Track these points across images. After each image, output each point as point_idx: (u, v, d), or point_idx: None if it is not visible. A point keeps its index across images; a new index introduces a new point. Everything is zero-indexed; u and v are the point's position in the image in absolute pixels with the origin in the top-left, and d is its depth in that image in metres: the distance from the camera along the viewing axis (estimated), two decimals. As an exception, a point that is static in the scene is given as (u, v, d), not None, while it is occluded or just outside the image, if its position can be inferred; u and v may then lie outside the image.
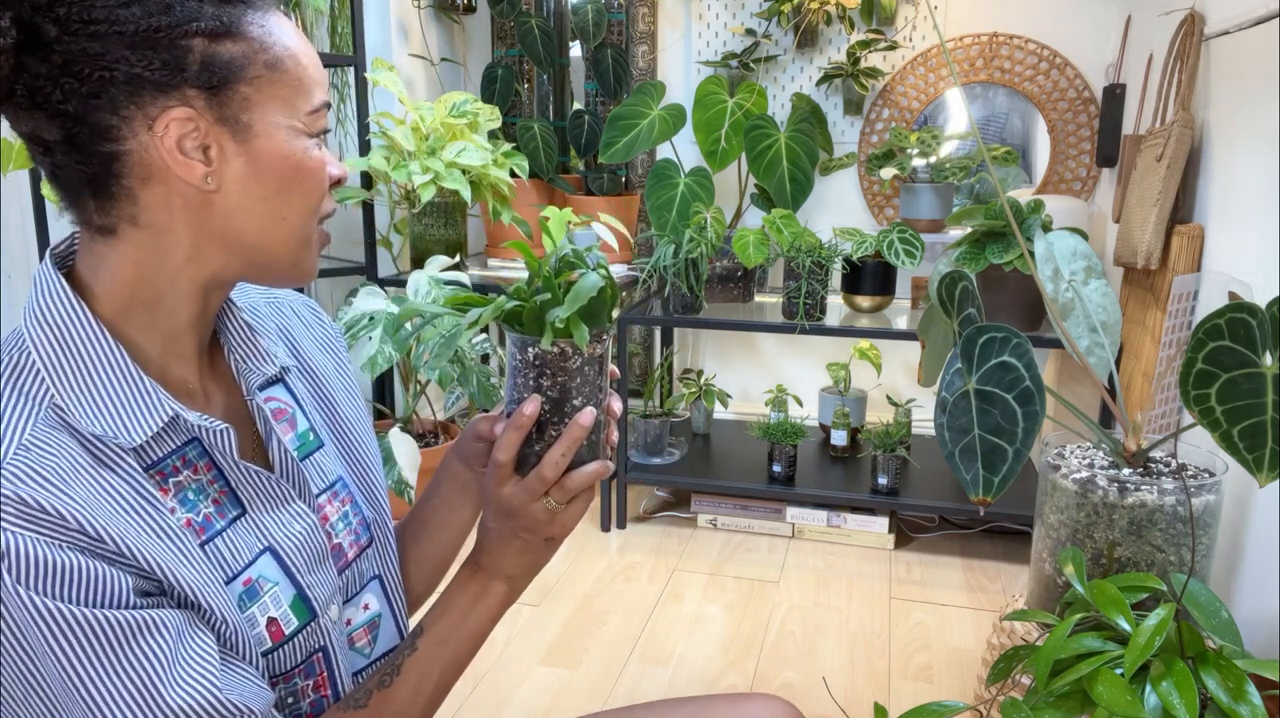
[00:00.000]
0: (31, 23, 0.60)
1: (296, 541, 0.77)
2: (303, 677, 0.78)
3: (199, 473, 0.72)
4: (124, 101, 0.62)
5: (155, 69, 0.62)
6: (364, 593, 0.87)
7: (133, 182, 0.65)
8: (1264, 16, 1.57)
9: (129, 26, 0.61)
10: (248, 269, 0.71)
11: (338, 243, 2.94)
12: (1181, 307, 1.81)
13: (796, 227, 2.33)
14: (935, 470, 2.48)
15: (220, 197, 0.67)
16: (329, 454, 0.86)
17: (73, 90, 0.61)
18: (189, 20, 0.62)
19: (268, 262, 0.71)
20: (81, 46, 0.61)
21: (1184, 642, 1.05)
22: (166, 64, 0.62)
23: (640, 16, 2.84)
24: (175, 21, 0.62)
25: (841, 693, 1.76)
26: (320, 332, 0.91)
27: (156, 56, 0.62)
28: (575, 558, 2.33)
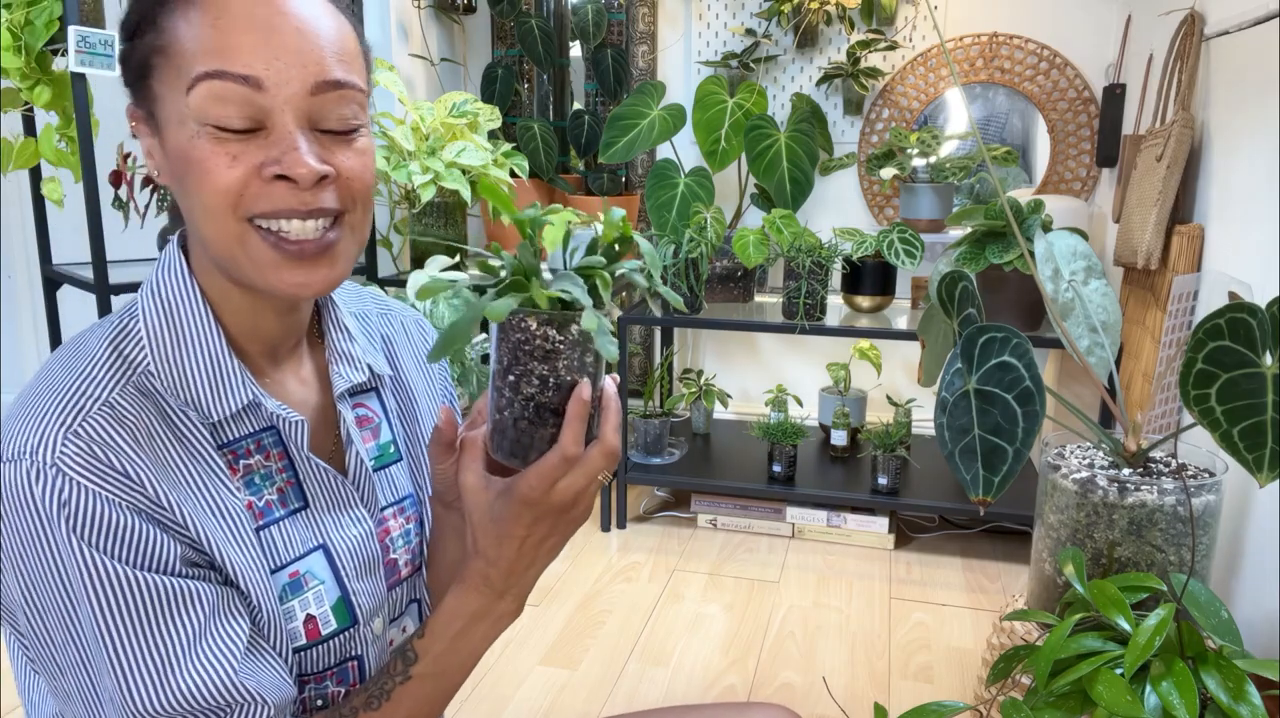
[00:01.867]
0: None
1: (351, 545, 0.76)
2: (335, 681, 0.77)
3: (270, 460, 0.73)
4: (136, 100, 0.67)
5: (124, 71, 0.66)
6: (405, 615, 0.86)
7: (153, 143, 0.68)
8: (1264, 16, 1.57)
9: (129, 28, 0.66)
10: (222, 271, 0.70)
11: (338, 243, 2.94)
12: (1181, 307, 1.81)
13: (796, 227, 2.33)
14: (935, 470, 2.48)
15: (175, 189, 0.67)
16: (404, 470, 0.85)
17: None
18: (123, 25, 0.66)
19: (215, 259, 0.68)
20: None
21: (1184, 642, 1.05)
22: (125, 64, 0.66)
23: (640, 16, 2.84)
24: (124, 20, 0.65)
25: (841, 693, 1.76)
26: (424, 350, 0.92)
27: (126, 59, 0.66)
28: (575, 558, 2.33)
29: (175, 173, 0.65)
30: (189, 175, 0.64)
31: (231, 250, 0.66)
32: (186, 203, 0.66)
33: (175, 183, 0.66)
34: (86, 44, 1.90)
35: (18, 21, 1.97)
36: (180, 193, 0.66)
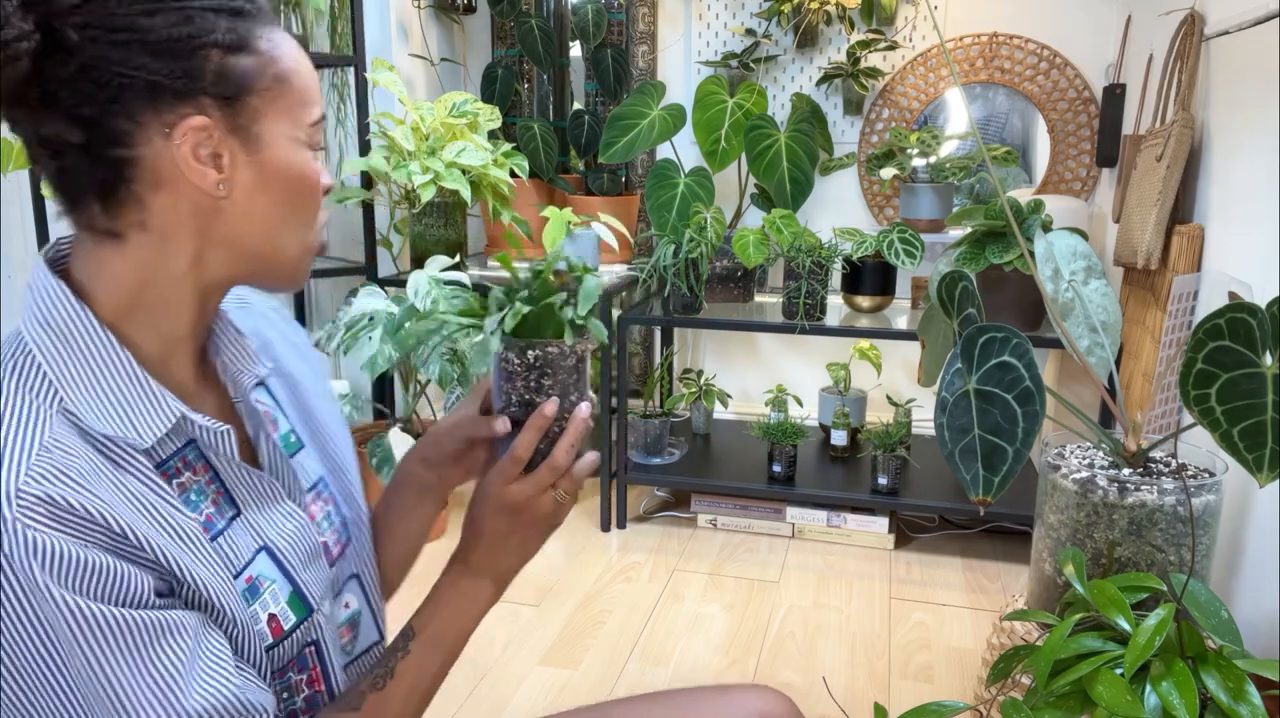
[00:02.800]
0: (53, 28, 0.60)
1: (290, 539, 0.78)
2: (296, 671, 0.79)
3: (198, 474, 0.73)
4: (141, 108, 0.63)
5: (175, 77, 0.63)
6: (345, 592, 0.89)
7: (143, 187, 0.65)
8: (1264, 16, 1.57)
9: (151, 35, 0.62)
10: (248, 275, 0.73)
11: (338, 243, 2.94)
12: (1181, 307, 1.81)
13: (796, 227, 2.33)
14: (935, 470, 2.48)
15: (229, 203, 0.68)
16: (310, 455, 0.87)
17: (91, 95, 0.62)
18: (208, 32, 0.64)
19: (269, 268, 0.72)
20: (102, 52, 0.61)
21: (1184, 642, 1.05)
22: (185, 73, 0.63)
23: (640, 16, 2.84)
24: (195, 32, 0.63)
25: (841, 693, 1.76)
26: (292, 335, 0.93)
27: (177, 65, 0.63)
28: (575, 558, 2.33)
29: (278, 184, 0.69)
30: (296, 184, 0.70)
31: (301, 252, 0.73)
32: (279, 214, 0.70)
33: (271, 194, 0.69)
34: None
35: (18, 21, 1.96)
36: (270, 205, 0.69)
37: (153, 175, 0.65)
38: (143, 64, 0.62)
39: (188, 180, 0.65)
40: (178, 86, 0.63)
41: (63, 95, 0.62)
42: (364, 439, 2.41)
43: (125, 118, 0.63)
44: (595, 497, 2.66)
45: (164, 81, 0.63)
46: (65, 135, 0.63)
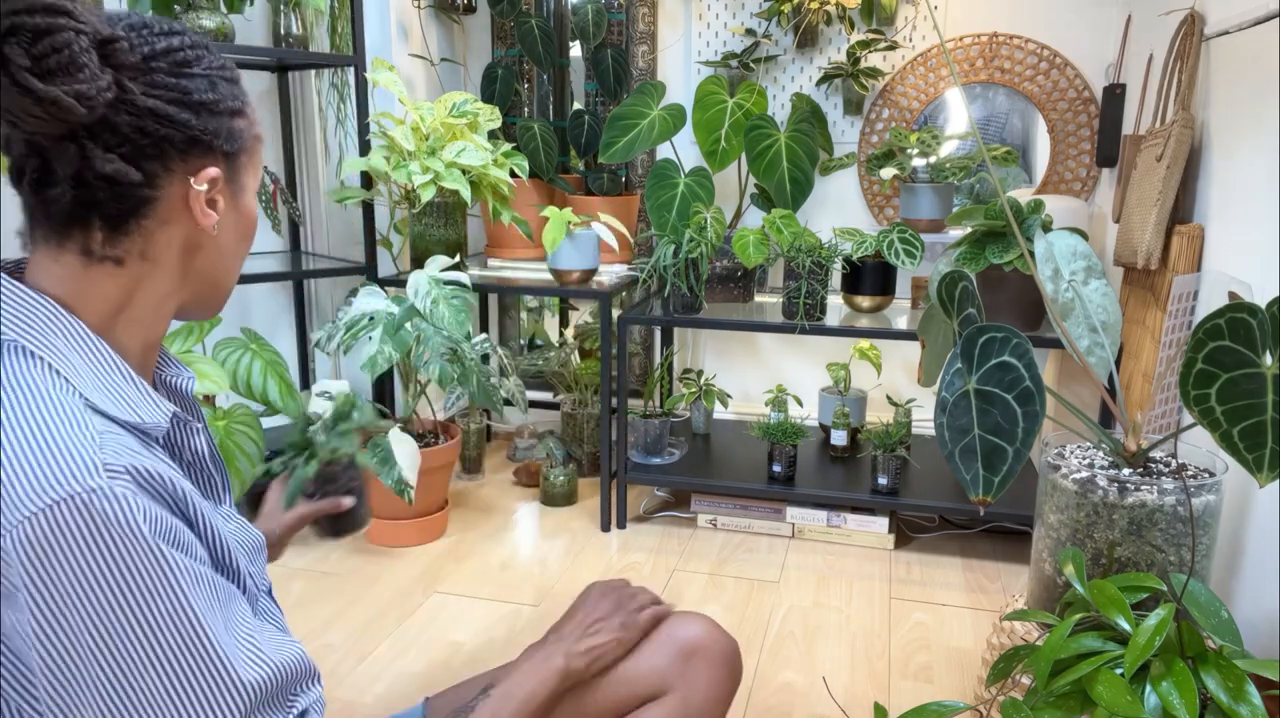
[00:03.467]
0: (121, 81, 0.69)
1: (235, 534, 0.85)
2: None
3: None
4: (175, 156, 0.72)
5: (206, 133, 0.73)
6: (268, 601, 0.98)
7: (153, 222, 0.73)
8: (1264, 16, 1.57)
9: (191, 96, 0.72)
10: (197, 303, 0.81)
11: (338, 242, 2.94)
12: (1181, 307, 1.81)
13: (796, 227, 2.33)
14: (935, 470, 2.48)
15: (211, 243, 0.78)
16: None
17: (141, 141, 0.70)
18: (226, 98, 0.75)
19: (214, 297, 0.82)
20: (157, 106, 0.70)
21: (1184, 642, 1.05)
22: (212, 130, 0.74)
23: (640, 16, 2.84)
24: (220, 97, 0.74)
25: (841, 693, 1.76)
26: None
27: (208, 123, 0.73)
28: (575, 558, 2.33)
29: (243, 228, 0.81)
30: (251, 230, 0.82)
31: (229, 292, 0.84)
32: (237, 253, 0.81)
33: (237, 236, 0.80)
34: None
35: (18, 21, 1.96)
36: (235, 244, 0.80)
37: (165, 213, 0.73)
38: (184, 121, 0.72)
39: (189, 219, 0.75)
40: (205, 141, 0.73)
41: (115, 139, 0.69)
42: (364, 439, 2.41)
43: (160, 163, 0.72)
44: (595, 497, 2.66)
45: (199, 137, 0.73)
46: (120, 175, 0.70)
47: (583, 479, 2.78)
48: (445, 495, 2.48)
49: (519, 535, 2.46)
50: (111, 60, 0.68)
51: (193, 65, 0.73)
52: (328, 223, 2.95)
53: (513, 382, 2.51)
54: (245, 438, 2.20)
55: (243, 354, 2.28)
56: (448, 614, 2.05)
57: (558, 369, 2.91)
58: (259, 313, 2.86)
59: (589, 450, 2.83)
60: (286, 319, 2.93)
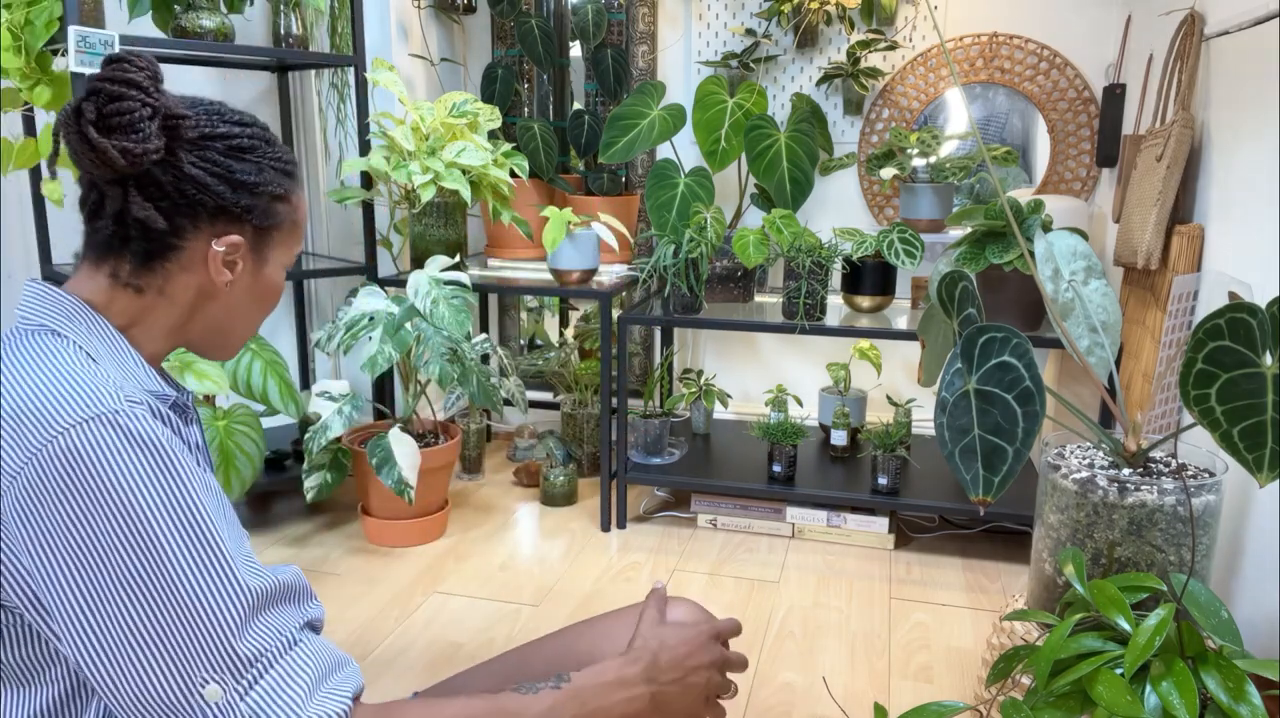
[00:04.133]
0: (172, 148, 0.83)
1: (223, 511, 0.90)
2: None
3: None
4: (204, 219, 0.86)
5: (238, 206, 0.87)
6: None
7: (175, 266, 0.87)
8: (1264, 16, 1.57)
9: (233, 174, 0.86)
10: (204, 344, 0.94)
11: (338, 243, 2.94)
12: (1181, 307, 1.81)
13: (796, 227, 2.33)
14: (935, 470, 2.48)
15: (225, 296, 0.91)
16: None
17: (176, 199, 0.84)
18: (270, 183, 0.90)
19: (219, 342, 0.95)
20: (198, 175, 0.85)
21: (1184, 642, 1.05)
22: (246, 207, 0.88)
23: (640, 16, 2.84)
24: (263, 181, 0.89)
25: (841, 693, 1.76)
26: None
27: (243, 199, 0.87)
28: (575, 558, 2.33)
29: (258, 293, 0.94)
30: (269, 297, 0.95)
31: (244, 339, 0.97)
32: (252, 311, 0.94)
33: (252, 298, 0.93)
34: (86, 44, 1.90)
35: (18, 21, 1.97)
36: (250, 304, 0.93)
37: (187, 261, 0.87)
38: (221, 192, 0.86)
39: (207, 272, 0.88)
40: (236, 212, 0.87)
41: (156, 193, 0.84)
42: (364, 439, 2.41)
43: (189, 221, 0.86)
44: (595, 497, 2.66)
45: (229, 207, 0.87)
46: (150, 221, 0.84)
47: (583, 479, 2.78)
48: (445, 495, 2.48)
49: (519, 535, 2.46)
50: (173, 131, 0.83)
51: (247, 152, 0.88)
52: (328, 223, 2.95)
53: (513, 382, 2.51)
54: (245, 438, 2.20)
55: (243, 354, 2.28)
56: (448, 614, 2.05)
57: (558, 369, 2.91)
58: (259, 313, 2.86)
59: (589, 450, 2.83)
60: (286, 319, 2.93)
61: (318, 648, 0.81)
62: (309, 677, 0.78)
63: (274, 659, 0.77)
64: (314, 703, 0.77)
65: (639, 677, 0.96)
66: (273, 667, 0.76)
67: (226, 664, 0.74)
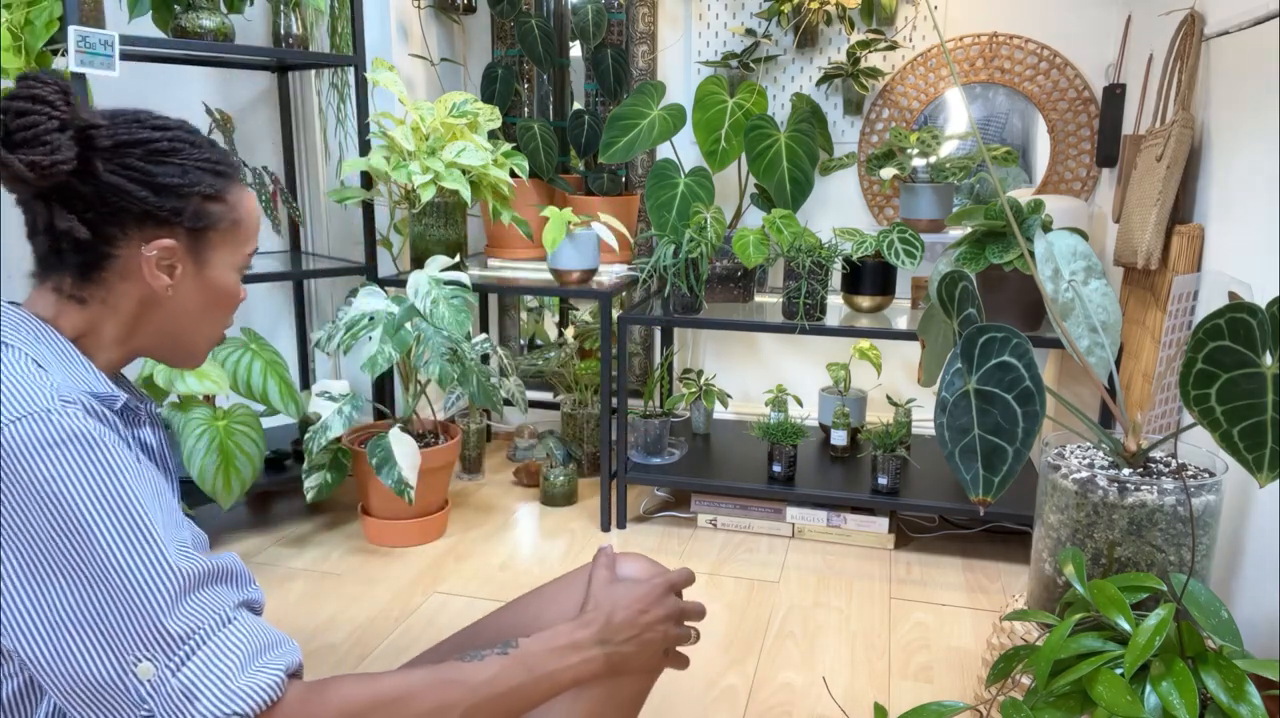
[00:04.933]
0: (88, 157, 0.84)
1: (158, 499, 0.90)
2: None
3: None
4: (132, 225, 0.87)
5: (163, 210, 0.87)
6: None
7: (113, 275, 0.88)
8: (1264, 16, 1.57)
9: (155, 179, 0.86)
10: (160, 351, 0.95)
11: (338, 242, 2.94)
12: (1181, 307, 1.81)
13: (796, 227, 2.33)
14: (935, 470, 2.48)
15: (170, 302, 0.91)
16: None
17: (99, 209, 0.85)
18: (198, 185, 0.89)
19: (178, 351, 0.96)
20: (118, 183, 0.85)
21: (1184, 642, 1.05)
22: (174, 209, 0.88)
23: (640, 16, 2.84)
24: (189, 183, 0.88)
25: (841, 693, 1.76)
26: None
27: (167, 203, 0.87)
28: (575, 558, 2.33)
29: (208, 297, 0.93)
30: (222, 301, 0.95)
31: (206, 344, 0.98)
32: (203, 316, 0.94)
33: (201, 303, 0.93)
34: (86, 44, 1.90)
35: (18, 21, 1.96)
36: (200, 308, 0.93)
37: (123, 269, 0.88)
38: (144, 197, 0.86)
39: (146, 280, 0.88)
40: (163, 217, 0.87)
41: (79, 204, 0.85)
42: (364, 439, 2.41)
43: (118, 229, 0.86)
44: (595, 497, 2.66)
45: (154, 212, 0.87)
46: (73, 232, 0.84)
47: (583, 479, 2.78)
48: (445, 495, 2.48)
49: (519, 536, 2.46)
50: (87, 142, 0.84)
51: (169, 155, 0.87)
52: (328, 223, 2.95)
53: (513, 382, 2.51)
54: (245, 438, 2.20)
55: (243, 354, 2.28)
56: (448, 614, 2.05)
57: (558, 369, 2.91)
58: (259, 313, 2.86)
59: (589, 450, 2.83)
60: (286, 319, 2.93)
61: (252, 626, 0.81)
62: (242, 653, 0.78)
63: (206, 636, 0.77)
64: (244, 676, 0.77)
65: (592, 639, 0.97)
66: (205, 643, 0.77)
67: (158, 642, 0.75)
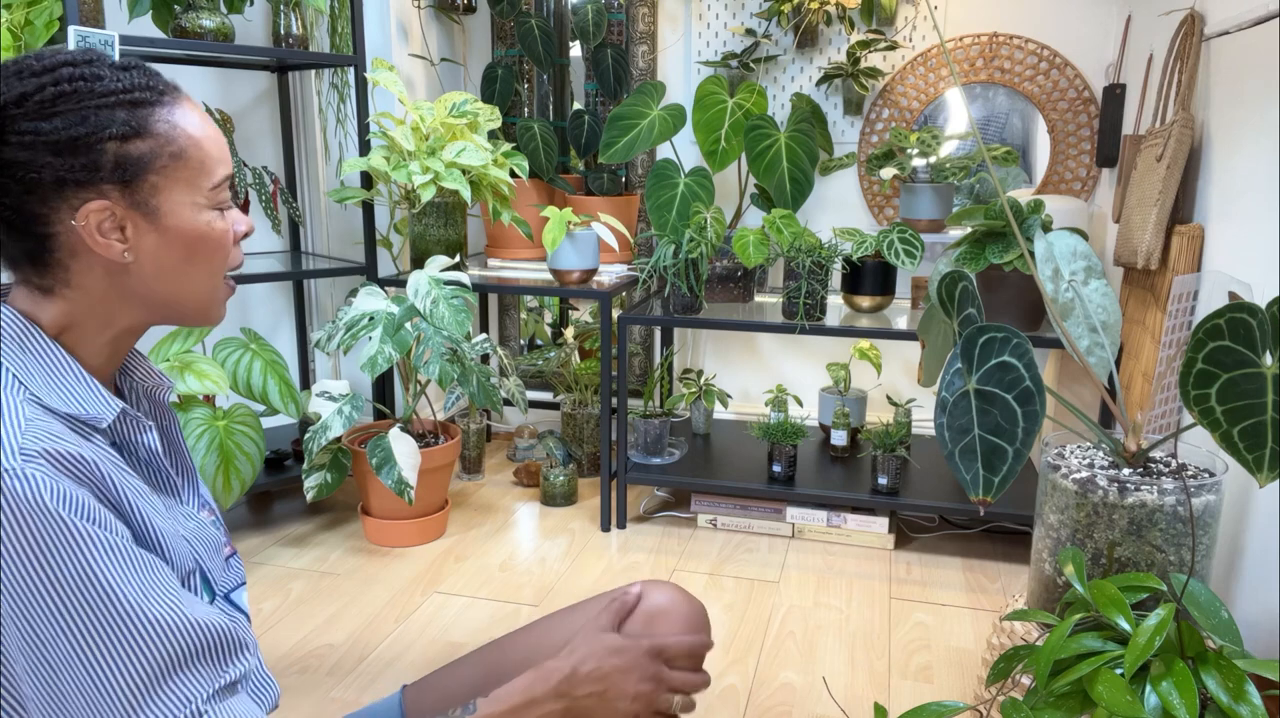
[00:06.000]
0: None
1: (194, 531, 0.87)
2: None
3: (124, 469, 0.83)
4: (51, 196, 0.74)
5: (75, 171, 0.74)
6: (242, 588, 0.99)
7: (63, 255, 0.77)
8: (1264, 16, 1.57)
9: (51, 136, 0.73)
10: (163, 318, 0.84)
11: (338, 242, 2.94)
12: (1181, 307, 1.81)
13: (796, 227, 2.33)
14: (935, 471, 2.48)
15: (137, 266, 0.79)
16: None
17: (9, 188, 0.74)
18: (104, 127, 0.74)
19: (179, 314, 0.85)
20: (13, 155, 0.73)
21: (1184, 642, 1.05)
22: (85, 166, 0.74)
23: (640, 16, 2.84)
24: (91, 130, 0.74)
25: (841, 693, 1.76)
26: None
27: (75, 160, 0.74)
28: (575, 558, 2.33)
29: (180, 246, 0.80)
30: (200, 244, 0.81)
31: (209, 298, 0.85)
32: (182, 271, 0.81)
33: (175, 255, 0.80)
34: (86, 44, 1.90)
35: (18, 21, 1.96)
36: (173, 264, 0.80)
37: (69, 247, 0.77)
38: (46, 163, 0.73)
39: (97, 251, 0.77)
40: (79, 178, 0.74)
41: None
42: (364, 439, 2.41)
43: (40, 204, 0.75)
44: (595, 497, 2.66)
45: (66, 175, 0.74)
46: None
47: (583, 479, 2.78)
48: (445, 495, 2.48)
49: (519, 535, 2.46)
50: None
51: (58, 103, 0.73)
52: (328, 223, 2.95)
53: (513, 382, 2.51)
54: (245, 438, 2.20)
55: (243, 354, 2.28)
56: (448, 614, 2.05)
57: (558, 369, 2.91)
58: (259, 313, 2.86)
59: (589, 450, 2.83)
60: (286, 319, 2.93)
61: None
62: None
63: None
64: None
65: (550, 693, 0.94)
66: None
67: None
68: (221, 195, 0.83)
